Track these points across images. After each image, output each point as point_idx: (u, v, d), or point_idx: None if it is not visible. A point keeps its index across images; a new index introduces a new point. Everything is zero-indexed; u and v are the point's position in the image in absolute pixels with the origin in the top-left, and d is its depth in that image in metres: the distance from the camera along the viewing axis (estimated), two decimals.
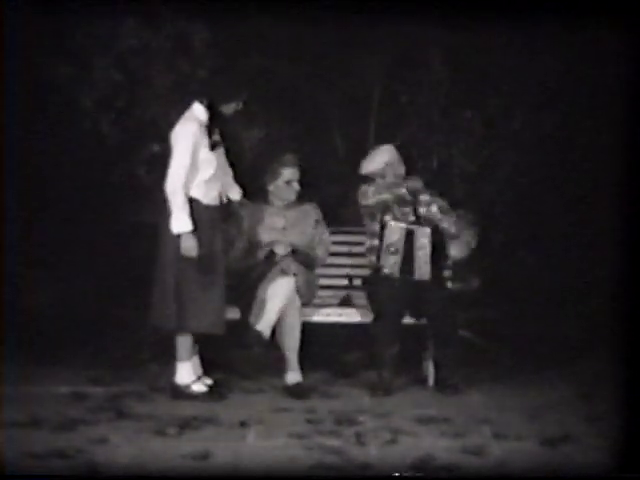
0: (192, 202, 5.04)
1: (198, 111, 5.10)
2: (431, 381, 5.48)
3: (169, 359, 5.27)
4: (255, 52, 6.28)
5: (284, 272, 5.38)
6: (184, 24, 5.98)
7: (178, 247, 5.00)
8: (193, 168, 5.03)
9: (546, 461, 4.18)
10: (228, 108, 5.16)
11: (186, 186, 5.01)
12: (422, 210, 5.55)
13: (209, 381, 5.26)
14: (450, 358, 5.41)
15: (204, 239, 5.05)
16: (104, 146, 6.07)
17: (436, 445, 4.35)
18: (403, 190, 5.53)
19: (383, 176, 5.55)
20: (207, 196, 5.12)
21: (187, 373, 5.16)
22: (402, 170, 5.60)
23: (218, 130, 5.16)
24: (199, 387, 5.17)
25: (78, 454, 4.15)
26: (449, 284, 5.57)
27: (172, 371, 5.21)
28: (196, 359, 5.26)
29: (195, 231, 5.01)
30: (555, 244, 6.58)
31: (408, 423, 4.70)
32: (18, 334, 5.94)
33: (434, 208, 5.54)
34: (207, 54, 6.00)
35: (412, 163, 5.83)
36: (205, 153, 5.07)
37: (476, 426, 4.66)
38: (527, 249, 6.55)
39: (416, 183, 5.59)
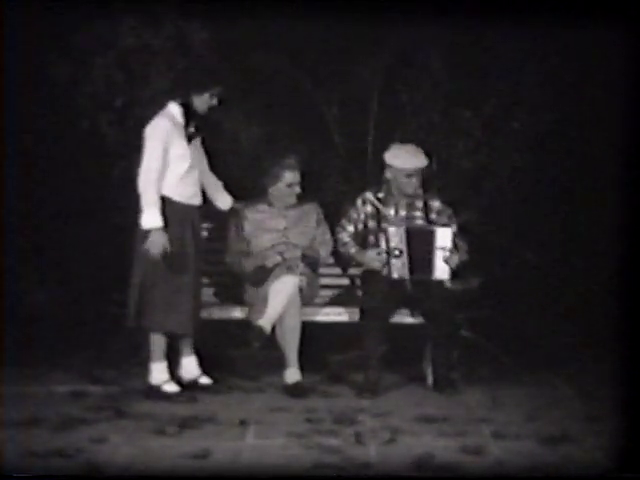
0: (163, 200, 5.04)
1: (171, 108, 5.11)
2: (430, 380, 5.47)
3: (168, 358, 5.27)
4: (255, 52, 6.28)
5: (290, 270, 5.37)
6: (183, 24, 5.99)
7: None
8: (164, 165, 5.03)
9: (545, 461, 4.17)
10: (201, 103, 5.14)
11: (158, 182, 5.02)
12: (433, 216, 5.57)
13: (206, 380, 5.26)
14: (449, 357, 5.42)
15: (174, 238, 5.05)
16: (103, 145, 6.08)
17: (435, 444, 4.35)
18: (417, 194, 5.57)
19: (416, 176, 5.54)
20: (180, 194, 5.11)
21: (159, 373, 5.15)
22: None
23: (193, 124, 5.15)
24: (171, 387, 5.14)
25: (78, 453, 4.15)
26: (449, 284, 5.56)
27: (172, 370, 5.22)
28: (192, 359, 5.27)
29: (165, 228, 5.02)
30: (555, 244, 6.59)
31: (407, 422, 4.70)
32: (18, 334, 5.95)
33: (444, 217, 5.56)
34: (207, 54, 6.00)
35: None
36: (178, 149, 5.07)
37: (475, 425, 4.66)
38: (527, 249, 6.54)
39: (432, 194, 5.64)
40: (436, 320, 5.37)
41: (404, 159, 5.52)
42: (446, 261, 5.42)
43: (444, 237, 5.43)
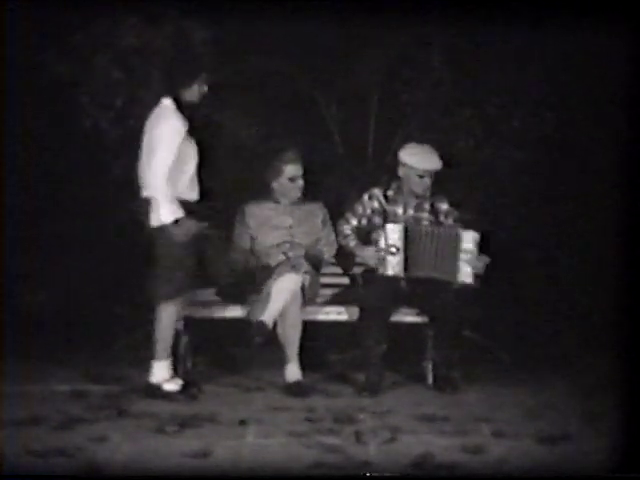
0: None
1: (171, 104, 5.04)
2: (430, 379, 5.48)
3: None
4: (255, 52, 6.28)
5: (294, 268, 5.36)
6: (184, 23, 6.00)
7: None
8: (178, 166, 5.00)
9: (545, 460, 4.18)
10: (192, 94, 5.09)
11: (170, 182, 4.96)
12: (442, 218, 5.57)
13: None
14: (449, 356, 5.42)
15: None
16: (103, 144, 6.09)
17: (435, 443, 4.35)
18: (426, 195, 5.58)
19: (428, 177, 5.54)
20: (190, 193, 5.08)
21: (160, 372, 5.12)
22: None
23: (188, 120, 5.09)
24: (171, 386, 5.13)
25: (78, 452, 4.15)
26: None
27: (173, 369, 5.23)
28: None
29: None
30: (555, 243, 6.59)
31: (407, 421, 4.71)
32: (18, 332, 5.96)
33: (450, 220, 5.56)
34: (207, 53, 6.00)
35: None
36: (187, 147, 5.03)
37: (475, 425, 4.66)
38: (527, 249, 6.55)
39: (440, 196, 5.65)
40: (436, 319, 5.37)
41: (419, 159, 5.50)
42: (472, 265, 5.39)
43: (468, 240, 5.39)
